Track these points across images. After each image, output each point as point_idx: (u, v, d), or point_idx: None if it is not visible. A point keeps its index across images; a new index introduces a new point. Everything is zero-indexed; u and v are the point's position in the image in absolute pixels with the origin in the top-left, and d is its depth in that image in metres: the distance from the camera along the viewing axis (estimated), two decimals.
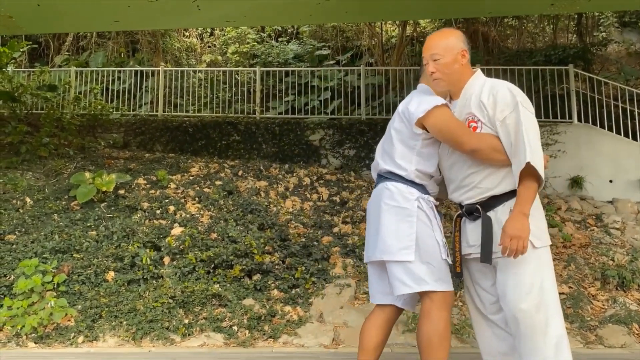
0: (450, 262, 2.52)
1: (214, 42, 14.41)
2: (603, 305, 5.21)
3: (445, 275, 2.46)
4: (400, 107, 2.67)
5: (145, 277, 5.07)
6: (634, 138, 8.47)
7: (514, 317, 2.28)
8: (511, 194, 2.35)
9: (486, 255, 2.33)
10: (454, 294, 2.51)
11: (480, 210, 2.40)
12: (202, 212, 6.16)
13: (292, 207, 6.62)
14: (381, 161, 2.68)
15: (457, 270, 2.52)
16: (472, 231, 2.46)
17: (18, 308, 4.51)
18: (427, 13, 10.90)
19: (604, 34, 12.64)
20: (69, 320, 4.56)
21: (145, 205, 6.15)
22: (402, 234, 2.46)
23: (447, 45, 2.47)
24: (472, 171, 2.44)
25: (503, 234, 2.23)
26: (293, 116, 9.95)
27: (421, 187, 2.56)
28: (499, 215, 2.36)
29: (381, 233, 2.53)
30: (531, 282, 2.26)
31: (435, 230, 2.49)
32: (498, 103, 2.35)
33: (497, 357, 2.48)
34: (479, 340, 2.57)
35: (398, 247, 2.46)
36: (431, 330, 2.39)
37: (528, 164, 2.21)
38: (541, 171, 2.24)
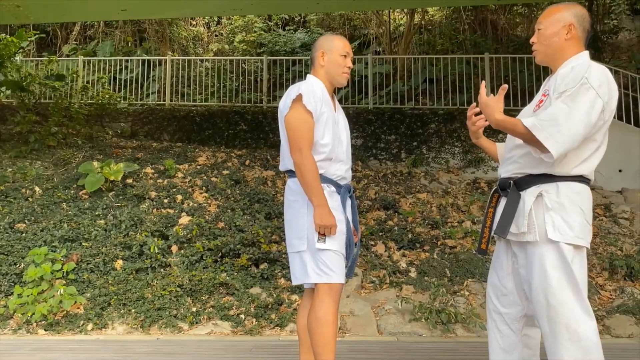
0: (341, 252, 2.51)
1: (221, 31, 14.37)
2: (611, 295, 5.18)
3: (328, 265, 2.44)
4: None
5: (153, 265, 5.11)
6: None
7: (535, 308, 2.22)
8: (548, 177, 2.21)
9: (502, 228, 2.24)
10: (341, 286, 2.52)
11: (512, 185, 2.29)
12: (209, 202, 6.18)
13: None
14: (281, 162, 2.75)
15: (482, 247, 2.43)
16: (502, 208, 2.34)
17: (28, 296, 4.57)
18: (435, 1, 10.83)
19: (614, 21, 12.44)
20: (78, 308, 4.61)
21: (153, 194, 6.19)
22: (297, 226, 2.52)
23: (554, 17, 2.29)
24: (516, 144, 2.32)
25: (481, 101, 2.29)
26: None
27: (320, 176, 2.51)
28: (527, 195, 2.24)
29: (285, 227, 2.64)
30: (550, 276, 2.16)
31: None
32: (569, 75, 2.16)
33: (499, 355, 2.40)
34: (488, 337, 2.49)
35: (293, 238, 2.54)
36: (311, 318, 2.45)
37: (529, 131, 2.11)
38: (546, 143, 2.07)
